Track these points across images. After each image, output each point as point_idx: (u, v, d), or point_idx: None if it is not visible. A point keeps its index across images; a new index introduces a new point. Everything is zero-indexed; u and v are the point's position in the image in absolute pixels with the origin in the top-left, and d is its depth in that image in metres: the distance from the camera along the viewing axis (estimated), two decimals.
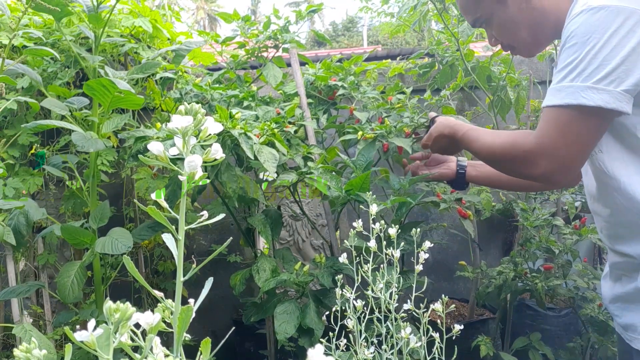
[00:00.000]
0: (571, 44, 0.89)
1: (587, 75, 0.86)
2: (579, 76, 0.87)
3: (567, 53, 0.90)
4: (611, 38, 0.85)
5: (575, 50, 0.88)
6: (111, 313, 0.40)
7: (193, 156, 0.49)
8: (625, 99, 0.85)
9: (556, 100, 0.90)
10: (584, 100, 0.86)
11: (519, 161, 0.99)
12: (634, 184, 0.94)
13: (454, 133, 1.27)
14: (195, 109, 0.49)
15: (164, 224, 0.50)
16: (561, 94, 0.89)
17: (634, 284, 0.99)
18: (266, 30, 2.12)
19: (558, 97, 0.89)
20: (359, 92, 2.03)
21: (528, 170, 0.98)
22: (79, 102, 1.70)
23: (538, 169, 0.95)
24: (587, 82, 0.86)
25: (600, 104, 0.85)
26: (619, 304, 1.05)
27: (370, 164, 1.73)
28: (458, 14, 2.06)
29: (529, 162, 0.96)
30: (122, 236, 1.56)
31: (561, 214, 2.34)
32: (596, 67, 0.85)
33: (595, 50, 0.86)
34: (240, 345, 2.39)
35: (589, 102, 0.85)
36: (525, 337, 2.08)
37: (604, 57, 0.85)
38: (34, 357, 0.40)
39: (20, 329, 1.44)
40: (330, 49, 9.74)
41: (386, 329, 1.12)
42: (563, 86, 0.89)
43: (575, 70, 0.88)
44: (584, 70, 0.86)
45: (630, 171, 0.94)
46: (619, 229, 1.01)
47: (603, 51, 0.85)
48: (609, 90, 0.85)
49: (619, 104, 0.85)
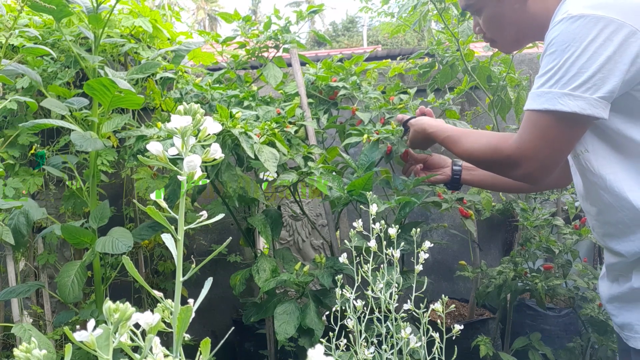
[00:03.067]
0: (551, 52, 0.93)
1: (564, 82, 0.90)
2: (557, 83, 0.91)
3: (547, 60, 0.94)
4: (589, 46, 0.88)
5: (554, 58, 0.92)
6: (110, 313, 0.40)
7: (192, 156, 0.49)
8: (601, 105, 0.89)
9: (535, 105, 0.95)
10: (560, 107, 0.90)
11: (502, 165, 1.06)
12: (619, 182, 0.96)
13: (431, 138, 1.35)
14: (194, 109, 0.49)
15: (163, 224, 0.50)
16: (540, 99, 0.93)
17: (629, 284, 1.01)
18: (267, 31, 2.12)
19: (537, 102, 0.94)
20: (360, 93, 2.03)
21: (511, 172, 1.04)
22: (78, 102, 1.70)
23: (520, 170, 1.01)
24: (564, 89, 0.90)
25: (575, 110, 0.89)
26: (616, 304, 1.07)
27: (372, 165, 1.72)
28: (458, 14, 2.06)
29: (511, 164, 1.02)
30: (123, 236, 1.56)
31: (561, 214, 2.34)
32: (573, 74, 0.89)
33: (573, 58, 0.89)
34: (240, 345, 2.39)
35: (565, 108, 0.90)
36: (525, 337, 2.08)
37: (582, 65, 0.88)
38: (33, 357, 0.40)
39: (20, 329, 1.44)
40: (330, 49, 9.74)
41: (386, 329, 1.12)
42: (542, 92, 0.93)
43: (554, 77, 0.92)
44: (562, 77, 0.90)
45: (616, 169, 0.97)
46: (608, 227, 1.03)
47: (580, 59, 0.89)
48: (584, 97, 0.88)
49: (594, 110, 0.89)
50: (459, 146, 1.20)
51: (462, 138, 1.21)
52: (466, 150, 1.18)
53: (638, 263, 0.98)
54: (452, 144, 1.23)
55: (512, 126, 2.37)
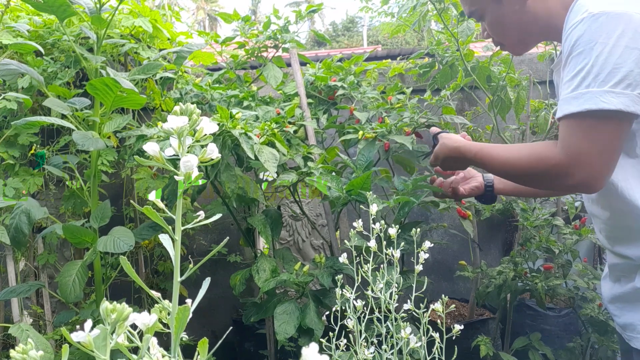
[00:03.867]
0: (578, 52, 0.89)
1: (602, 80, 0.85)
2: (594, 81, 0.86)
3: (575, 61, 0.89)
4: (618, 42, 0.85)
5: (583, 58, 0.87)
6: (108, 314, 0.40)
7: (189, 156, 0.49)
8: None
9: (574, 107, 0.88)
10: (604, 105, 0.85)
11: (551, 175, 0.96)
12: (631, 189, 0.94)
13: (462, 155, 1.20)
14: (191, 109, 0.49)
15: (161, 224, 0.50)
16: (579, 101, 0.87)
17: (631, 284, 1.00)
18: (266, 31, 2.12)
19: (575, 104, 0.88)
20: (359, 92, 2.03)
21: (562, 182, 0.95)
22: (80, 102, 1.70)
23: (573, 179, 0.92)
24: (603, 86, 0.85)
25: (620, 107, 0.84)
26: (618, 304, 1.07)
27: (370, 164, 1.72)
28: (458, 14, 2.05)
29: (563, 174, 0.93)
30: (124, 235, 1.56)
31: (561, 214, 2.34)
32: (610, 71, 0.85)
33: (604, 55, 0.85)
34: (240, 345, 2.39)
35: (610, 106, 0.84)
36: (525, 337, 2.07)
37: (615, 61, 0.85)
38: (30, 358, 0.40)
39: (17, 329, 1.44)
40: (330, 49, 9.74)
41: (386, 329, 1.12)
42: (580, 93, 0.87)
43: (589, 77, 0.86)
44: (597, 75, 0.86)
45: (627, 175, 0.95)
46: (617, 231, 1.02)
47: (613, 55, 0.85)
48: (627, 93, 0.84)
49: (637, 107, 0.85)
50: (497, 158, 1.08)
51: (498, 149, 1.10)
52: (506, 160, 1.04)
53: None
54: (488, 156, 1.10)
55: (512, 126, 2.37)
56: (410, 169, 1.96)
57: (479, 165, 1.16)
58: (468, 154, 1.16)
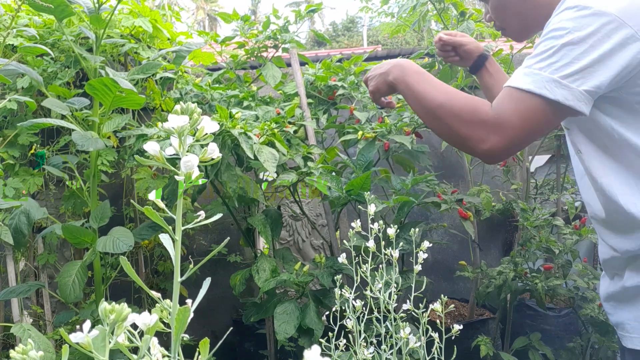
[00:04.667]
0: (550, 35, 0.91)
1: (555, 68, 0.88)
2: (548, 67, 0.89)
3: (544, 43, 0.92)
4: (587, 38, 0.87)
5: (553, 41, 0.90)
6: (106, 314, 0.40)
7: (189, 156, 0.49)
8: (584, 99, 0.87)
9: (521, 83, 0.91)
10: (545, 92, 0.88)
11: (471, 129, 0.96)
12: (610, 185, 0.96)
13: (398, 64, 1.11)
14: (191, 109, 0.49)
15: (161, 224, 0.50)
16: (526, 79, 0.91)
17: (621, 282, 1.02)
18: (266, 30, 2.12)
19: (524, 81, 0.91)
20: (358, 92, 2.03)
21: (476, 139, 0.96)
22: (79, 102, 1.70)
23: (486, 142, 0.94)
24: (554, 74, 0.88)
25: (559, 98, 0.87)
26: (612, 302, 1.08)
27: (370, 164, 1.72)
28: (457, 14, 2.05)
29: (481, 134, 0.95)
30: (124, 235, 1.56)
31: (561, 214, 2.34)
32: (566, 63, 0.87)
33: (569, 46, 0.88)
34: (240, 345, 2.39)
35: (550, 95, 0.88)
36: (525, 337, 2.07)
37: (576, 55, 0.87)
38: (30, 358, 0.40)
39: (19, 329, 1.44)
40: (330, 49, 9.75)
41: (385, 329, 1.12)
42: (531, 71, 0.91)
43: (547, 61, 0.89)
44: (554, 62, 0.88)
45: (608, 172, 0.97)
46: (604, 223, 1.04)
47: (576, 49, 0.87)
48: (571, 87, 0.87)
49: (577, 102, 0.87)
50: (433, 84, 1.04)
51: (438, 81, 1.06)
52: (445, 92, 1.02)
53: (630, 261, 1.00)
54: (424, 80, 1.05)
55: None
56: (410, 168, 1.96)
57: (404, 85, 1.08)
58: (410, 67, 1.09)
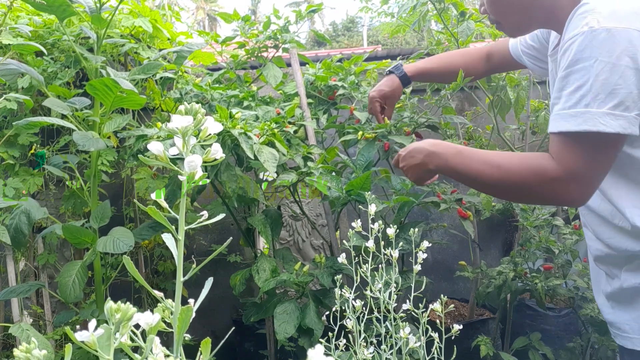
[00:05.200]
0: (579, 67, 0.88)
1: (602, 100, 0.86)
2: (593, 101, 0.86)
3: (575, 76, 0.89)
4: (619, 61, 0.84)
5: (583, 74, 0.87)
6: (112, 313, 0.41)
7: (193, 156, 0.49)
8: (637, 122, 0.86)
9: (572, 126, 0.89)
10: (603, 128, 0.85)
11: (546, 189, 0.95)
12: (620, 197, 0.97)
13: (441, 149, 1.09)
14: (195, 109, 0.49)
15: (164, 224, 0.50)
16: (577, 120, 0.88)
17: (619, 282, 1.03)
18: (266, 30, 2.12)
19: (574, 122, 0.88)
20: (359, 92, 2.03)
21: (557, 197, 0.95)
22: (80, 102, 1.70)
23: (569, 195, 0.93)
24: (602, 107, 0.85)
25: (619, 130, 0.85)
26: (611, 302, 1.09)
27: (370, 164, 1.73)
28: (457, 14, 2.06)
29: (559, 190, 0.94)
30: (124, 235, 1.56)
31: (561, 214, 2.34)
32: (610, 92, 0.85)
33: (605, 74, 0.85)
34: (240, 345, 2.39)
35: (609, 129, 0.85)
36: (525, 337, 2.08)
37: (616, 81, 0.85)
38: (33, 357, 0.40)
39: (18, 329, 1.44)
40: (330, 49, 9.75)
41: (385, 328, 1.12)
42: (578, 112, 0.88)
43: (588, 95, 0.86)
44: (597, 95, 0.86)
45: (616, 185, 0.97)
46: (603, 221, 1.05)
47: (614, 75, 0.85)
48: (625, 115, 0.85)
49: (634, 128, 0.86)
50: (483, 161, 1.01)
51: (480, 153, 1.03)
52: (496, 165, 0.99)
53: (628, 260, 0.99)
54: (467, 159, 1.03)
55: (512, 126, 2.37)
56: None
57: (452, 171, 1.06)
58: (446, 154, 1.07)
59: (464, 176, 1.05)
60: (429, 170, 1.12)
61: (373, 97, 1.58)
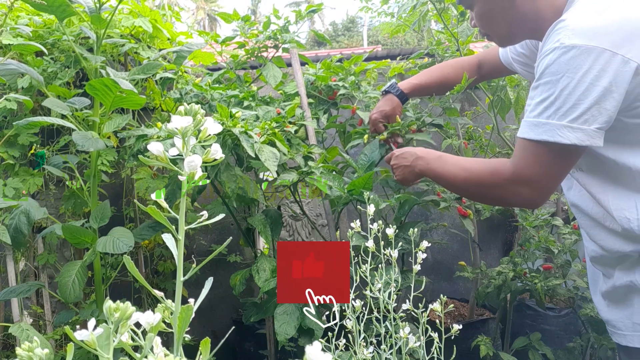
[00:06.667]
0: (546, 80, 0.94)
1: (562, 114, 0.91)
2: (555, 114, 0.92)
3: (542, 89, 0.95)
4: (584, 77, 0.89)
5: (550, 87, 0.93)
6: (111, 312, 0.41)
7: (193, 156, 0.49)
8: (598, 135, 0.91)
9: (533, 135, 0.96)
10: (560, 139, 0.92)
11: (500, 189, 1.05)
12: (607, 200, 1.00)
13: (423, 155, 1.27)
14: (195, 110, 0.49)
15: (164, 224, 0.50)
16: (538, 130, 0.95)
17: (612, 281, 1.06)
18: (266, 30, 2.12)
19: (535, 132, 0.95)
20: (360, 92, 2.03)
21: (509, 197, 1.05)
22: (80, 102, 1.70)
23: (520, 197, 1.02)
24: (562, 120, 0.91)
25: (575, 142, 0.91)
26: (606, 301, 1.11)
27: (373, 164, 1.72)
28: (458, 14, 2.06)
29: (511, 190, 1.03)
30: (124, 235, 1.56)
31: (560, 214, 2.34)
32: (571, 106, 0.90)
33: (569, 89, 0.90)
34: (240, 345, 2.39)
35: (565, 141, 0.91)
36: (525, 337, 2.08)
37: (578, 96, 0.90)
38: (36, 356, 0.40)
39: (17, 328, 1.44)
40: (330, 49, 9.75)
41: (385, 328, 1.12)
42: (540, 122, 0.94)
43: (551, 108, 0.93)
44: (559, 108, 0.92)
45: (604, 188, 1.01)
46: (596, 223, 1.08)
47: (577, 90, 0.90)
48: (583, 129, 0.90)
49: (592, 140, 0.91)
50: (452, 163, 1.17)
51: (452, 158, 1.19)
52: (464, 167, 1.13)
53: (620, 260, 1.01)
54: (444, 162, 1.19)
55: (512, 126, 2.37)
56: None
57: (431, 173, 1.23)
58: (429, 155, 1.24)
59: (440, 177, 1.20)
60: (414, 172, 1.27)
61: (376, 118, 1.61)
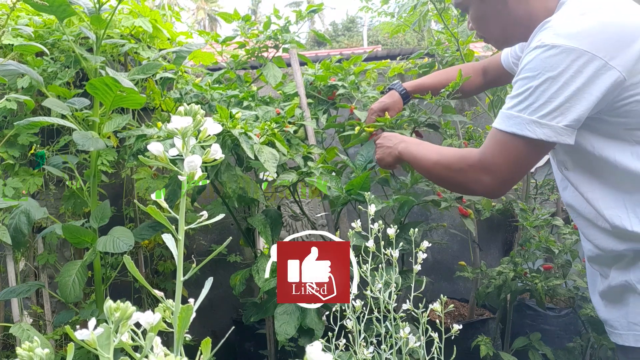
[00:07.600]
0: (523, 76, 0.97)
1: (533, 109, 0.94)
2: (526, 109, 0.95)
3: (519, 83, 0.98)
4: (559, 77, 0.91)
5: (526, 83, 0.96)
6: (111, 312, 0.41)
7: (193, 156, 0.49)
8: (566, 132, 0.93)
9: (504, 126, 0.99)
10: (527, 133, 0.95)
11: (465, 174, 1.08)
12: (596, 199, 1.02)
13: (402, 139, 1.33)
14: (195, 110, 0.49)
15: (164, 224, 0.50)
16: (509, 122, 0.98)
17: (607, 281, 1.07)
18: (266, 30, 2.12)
19: (506, 123, 0.99)
20: (358, 92, 2.03)
21: (470, 184, 1.08)
22: (80, 102, 1.70)
23: (480, 183, 1.05)
24: (532, 115, 0.94)
25: (542, 137, 0.93)
26: (604, 300, 1.12)
27: (370, 163, 1.73)
28: (457, 14, 2.06)
29: (474, 177, 1.06)
30: (124, 235, 1.56)
31: (561, 214, 2.34)
32: (543, 102, 0.93)
33: (544, 86, 0.93)
34: (240, 345, 2.39)
35: (532, 135, 0.94)
36: (525, 337, 2.08)
37: (551, 94, 0.92)
38: (36, 356, 0.40)
39: (18, 328, 1.44)
40: (330, 49, 9.75)
41: (385, 328, 1.12)
42: (512, 114, 0.97)
43: (524, 103, 0.96)
44: (532, 104, 0.94)
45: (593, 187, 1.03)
46: (590, 223, 1.09)
47: (551, 88, 0.92)
48: (551, 125, 0.93)
49: (560, 137, 0.93)
50: (429, 148, 1.22)
51: (430, 146, 1.24)
52: (437, 152, 1.18)
53: (616, 260, 1.02)
54: (423, 147, 1.25)
55: None
56: (409, 168, 1.96)
57: (408, 154, 1.28)
58: (412, 140, 1.30)
59: (415, 159, 1.25)
60: (393, 154, 1.33)
61: (375, 110, 1.63)
